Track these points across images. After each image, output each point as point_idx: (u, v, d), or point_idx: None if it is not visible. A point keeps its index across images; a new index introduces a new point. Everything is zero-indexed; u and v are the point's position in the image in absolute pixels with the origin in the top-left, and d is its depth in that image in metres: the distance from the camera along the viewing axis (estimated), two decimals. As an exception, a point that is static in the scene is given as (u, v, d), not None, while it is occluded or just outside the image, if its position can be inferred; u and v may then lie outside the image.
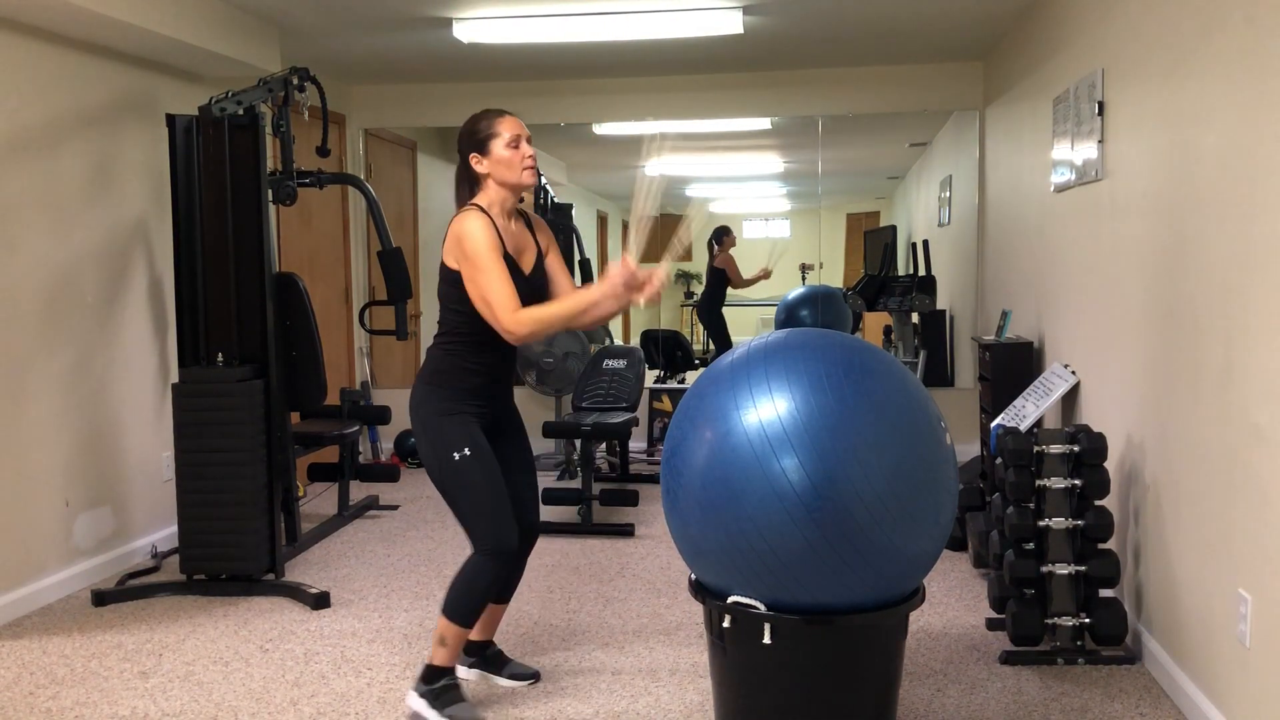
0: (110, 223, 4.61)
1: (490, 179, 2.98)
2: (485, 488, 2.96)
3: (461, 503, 2.99)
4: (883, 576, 2.54)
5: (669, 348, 7.54)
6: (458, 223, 2.91)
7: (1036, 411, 4.08)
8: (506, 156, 2.96)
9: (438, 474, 2.99)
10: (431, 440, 2.99)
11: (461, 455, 2.95)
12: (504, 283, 2.84)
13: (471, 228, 2.87)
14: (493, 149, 2.97)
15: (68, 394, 4.34)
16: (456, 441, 2.96)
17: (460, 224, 2.90)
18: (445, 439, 2.97)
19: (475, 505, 2.97)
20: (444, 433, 2.97)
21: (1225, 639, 2.82)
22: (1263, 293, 2.59)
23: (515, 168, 2.96)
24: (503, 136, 2.96)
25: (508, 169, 2.96)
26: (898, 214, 7.90)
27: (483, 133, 2.98)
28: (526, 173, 2.98)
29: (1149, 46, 3.40)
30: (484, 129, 2.98)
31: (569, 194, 7.65)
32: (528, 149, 2.99)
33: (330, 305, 6.48)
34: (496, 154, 2.96)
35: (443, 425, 2.98)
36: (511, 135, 2.97)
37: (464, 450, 2.95)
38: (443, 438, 2.97)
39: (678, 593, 4.22)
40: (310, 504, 5.57)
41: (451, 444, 2.96)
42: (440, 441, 2.97)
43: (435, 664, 3.04)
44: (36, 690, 3.36)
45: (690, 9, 4.88)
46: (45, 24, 4.12)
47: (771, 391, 2.52)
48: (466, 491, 2.97)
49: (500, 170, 2.96)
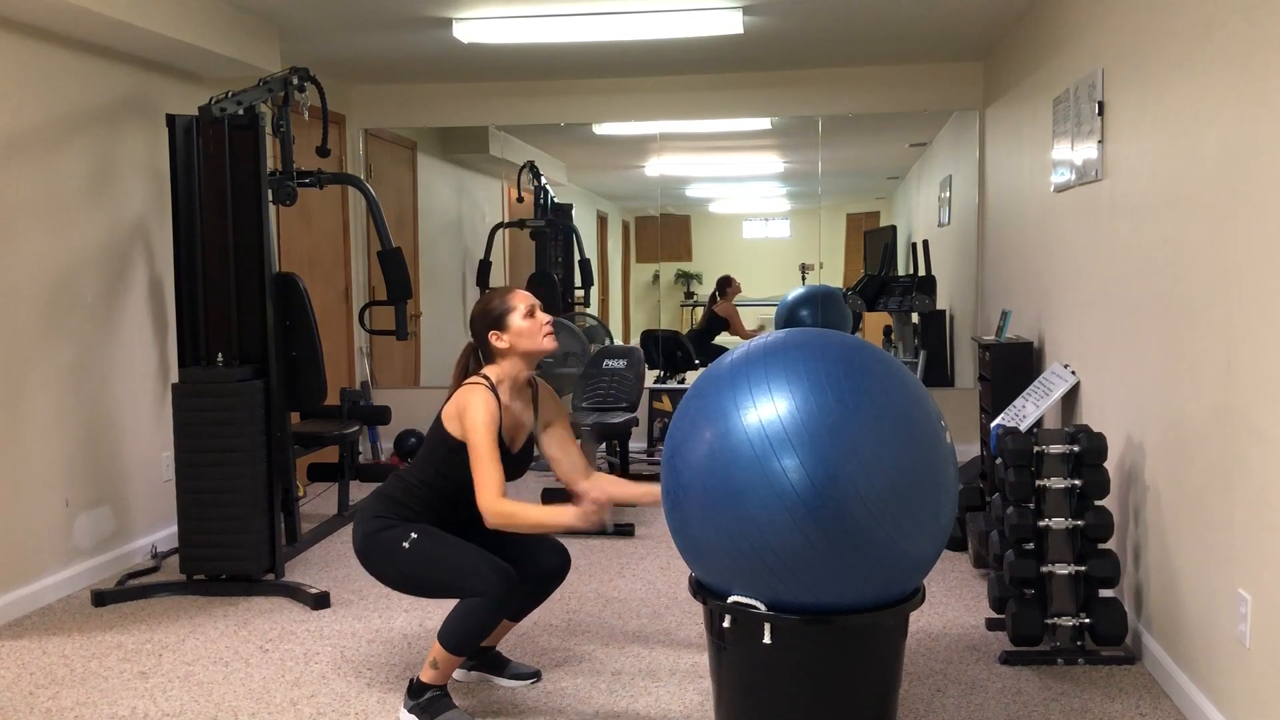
0: (110, 223, 4.61)
1: (511, 352, 3.05)
2: (448, 552, 2.98)
3: (435, 578, 2.99)
4: (883, 576, 2.54)
5: (669, 348, 7.54)
6: (468, 394, 2.96)
7: (1036, 411, 4.08)
8: (527, 326, 3.04)
9: (400, 574, 3.02)
10: (377, 551, 3.03)
11: (410, 541, 2.98)
12: (494, 466, 2.89)
13: (478, 406, 2.93)
14: (511, 322, 3.04)
15: (68, 394, 4.34)
16: (400, 537, 3.00)
17: (469, 396, 2.96)
18: (389, 543, 3.01)
19: (450, 570, 2.97)
20: (385, 538, 3.02)
21: (1225, 639, 2.82)
22: (1263, 293, 2.59)
23: (536, 335, 3.05)
24: (519, 309, 3.05)
25: (530, 338, 3.05)
26: (898, 214, 7.90)
27: (497, 310, 3.06)
28: (547, 338, 3.07)
29: (1149, 46, 3.40)
30: (498, 306, 3.06)
31: (569, 194, 7.65)
32: (544, 315, 3.08)
33: (330, 305, 6.48)
34: (516, 326, 3.04)
35: (382, 535, 3.03)
36: (527, 306, 3.06)
37: (410, 536, 2.99)
38: (386, 545, 3.01)
39: (678, 593, 4.22)
40: (310, 504, 5.57)
41: (396, 541, 2.99)
42: (386, 544, 3.01)
43: (423, 681, 3.04)
44: (36, 690, 3.36)
45: (690, 9, 4.88)
46: (45, 24, 4.12)
47: (771, 391, 2.52)
48: (434, 566, 2.98)
49: (522, 341, 3.04)
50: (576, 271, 7.33)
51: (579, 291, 7.42)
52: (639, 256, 8.17)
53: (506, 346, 3.05)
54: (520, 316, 3.04)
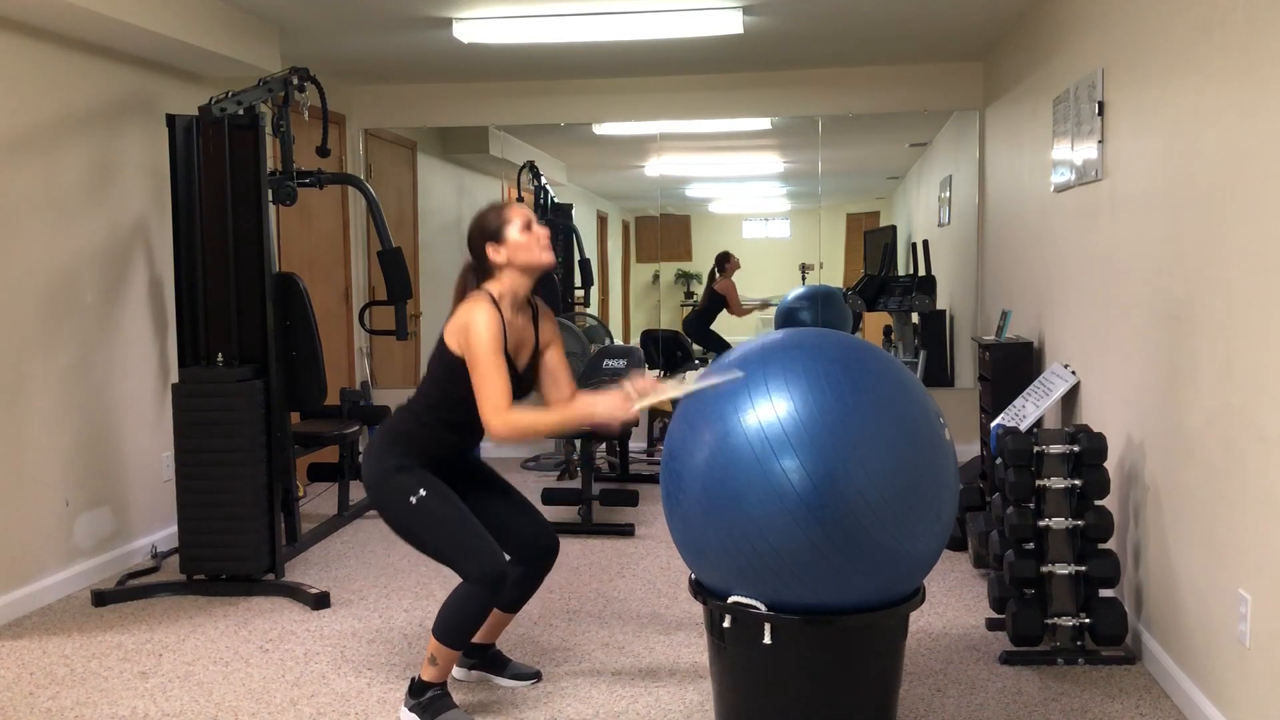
0: (110, 223, 4.61)
1: (509, 266, 3.02)
2: (452, 519, 2.97)
3: (434, 542, 2.99)
4: (884, 575, 2.54)
5: (669, 348, 7.54)
6: (469, 309, 2.93)
7: (1036, 411, 4.08)
8: (524, 240, 3.00)
9: (402, 525, 3.02)
10: (385, 495, 3.02)
11: (418, 497, 2.97)
12: (501, 379, 2.87)
13: (481, 320, 2.89)
14: (508, 235, 3.00)
15: (68, 394, 4.34)
16: (410, 487, 2.98)
17: (471, 311, 2.92)
18: (398, 488, 2.99)
19: (449, 539, 2.97)
20: (396, 484, 3.00)
21: (1225, 639, 2.82)
22: (1263, 292, 2.59)
23: (534, 249, 3.01)
24: (515, 222, 3.01)
25: (527, 252, 3.01)
26: (898, 214, 7.89)
27: (494, 223, 3.02)
28: (545, 252, 3.03)
29: (1149, 46, 3.40)
30: (494, 220, 3.03)
31: (569, 194, 7.65)
32: (541, 229, 3.04)
33: (330, 305, 6.48)
34: (513, 240, 3.00)
35: (394, 479, 3.01)
36: (523, 220, 3.02)
37: (419, 492, 2.98)
38: (396, 488, 3.00)
39: (678, 593, 4.22)
40: (310, 504, 5.57)
41: (405, 491, 2.98)
42: (394, 493, 3.00)
43: (424, 679, 3.04)
44: (36, 690, 3.36)
45: (690, 9, 4.88)
46: (45, 24, 4.12)
47: (770, 392, 2.52)
48: (434, 529, 2.98)
49: (520, 254, 3.00)
50: (576, 271, 7.33)
51: (579, 291, 7.42)
52: (639, 256, 8.17)
53: (504, 260, 3.00)
54: (517, 230, 3.00)
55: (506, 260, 3.00)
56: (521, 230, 3.00)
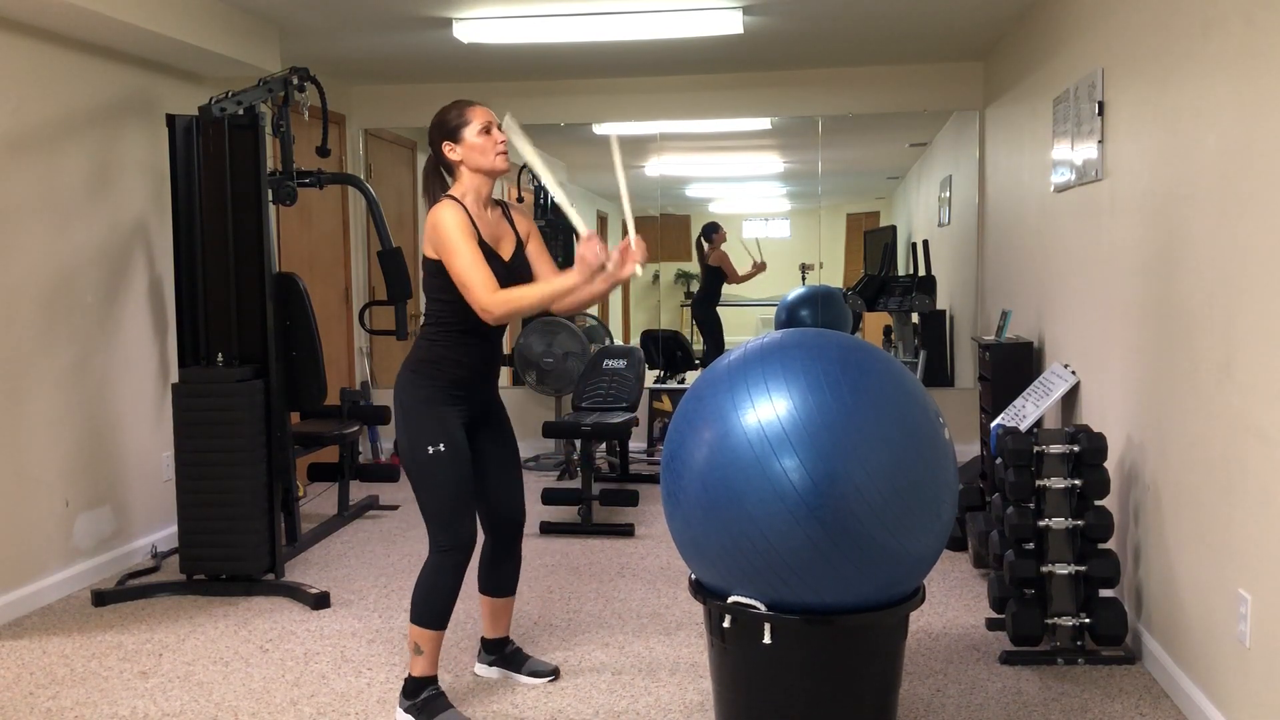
0: (110, 223, 4.61)
1: (464, 166, 3.02)
2: (451, 487, 2.98)
3: (425, 497, 3.01)
4: (884, 575, 2.54)
5: (669, 348, 7.54)
6: (433, 213, 2.95)
7: (1036, 411, 4.08)
8: (479, 143, 3.00)
9: (409, 462, 3.02)
10: (409, 428, 3.01)
11: (435, 450, 2.97)
12: (479, 264, 2.87)
13: (445, 215, 2.91)
14: (465, 136, 3.01)
15: (68, 394, 4.34)
16: (432, 435, 2.98)
17: (435, 214, 2.94)
18: (422, 430, 2.99)
19: (438, 502, 2.99)
20: (422, 423, 2.99)
21: (1225, 639, 2.82)
22: (1262, 292, 2.59)
23: (489, 153, 3.01)
24: (474, 124, 3.01)
25: (481, 154, 3.01)
26: (898, 214, 7.89)
27: (453, 121, 3.02)
28: (499, 157, 3.02)
29: (1149, 46, 3.40)
30: (454, 118, 3.03)
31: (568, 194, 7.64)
32: (499, 135, 3.03)
33: (330, 305, 6.48)
34: (469, 141, 3.00)
35: (422, 415, 3.00)
36: (483, 123, 3.01)
37: (439, 445, 2.97)
38: (420, 428, 2.99)
39: (678, 593, 4.22)
40: (310, 504, 5.57)
41: (426, 437, 2.98)
42: (417, 432, 2.99)
43: (415, 675, 3.05)
44: (36, 690, 3.36)
45: (690, 9, 4.88)
46: (45, 24, 4.12)
47: (769, 392, 2.52)
48: (432, 487, 2.99)
49: (474, 156, 3.01)
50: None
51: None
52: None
53: (459, 159, 3.01)
54: (474, 132, 3.00)
55: (460, 160, 3.02)
56: (479, 133, 3.00)
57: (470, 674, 3.42)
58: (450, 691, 3.21)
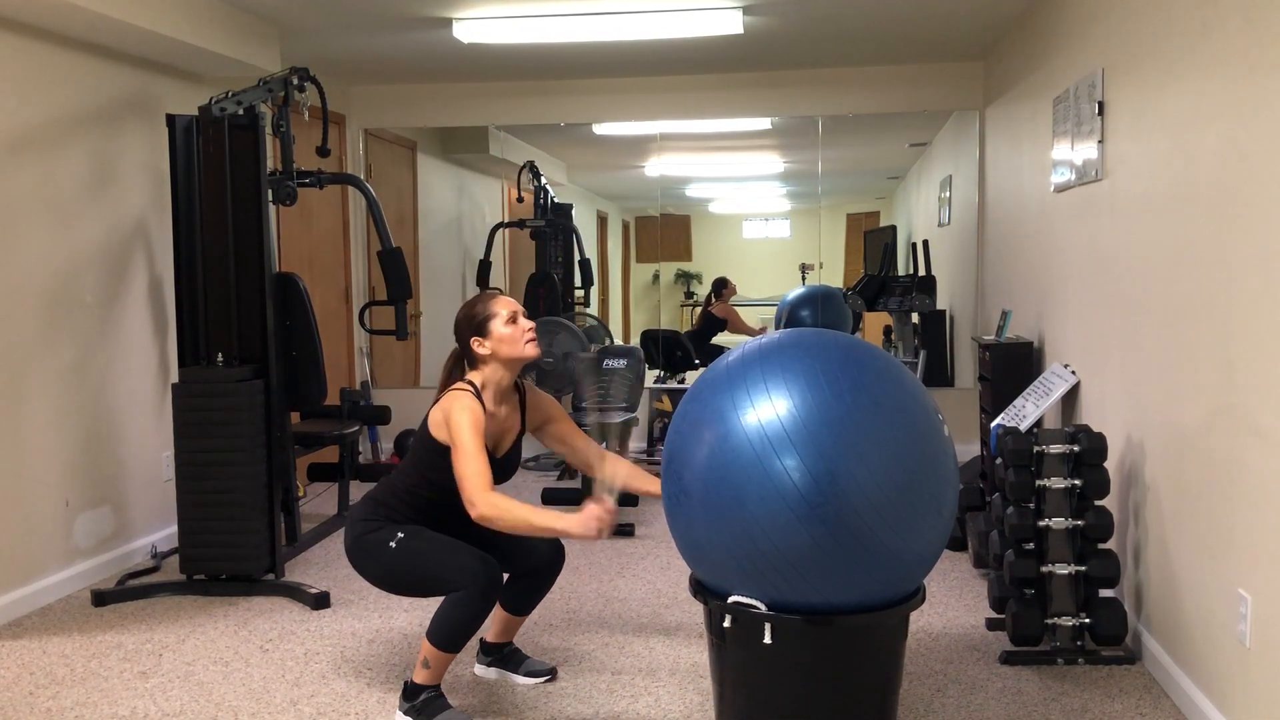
0: (110, 223, 4.61)
1: (493, 359, 3.05)
2: (433, 547, 2.99)
3: (422, 573, 3.01)
4: (886, 573, 2.54)
5: (669, 348, 7.54)
6: (449, 400, 2.97)
7: (1036, 411, 4.08)
8: (508, 333, 3.04)
9: (385, 577, 3.05)
10: (366, 553, 3.05)
11: (396, 540, 3.01)
12: (479, 462, 2.87)
13: (459, 411, 2.92)
14: (493, 329, 3.04)
15: (68, 394, 4.34)
16: (387, 537, 3.02)
17: (451, 403, 2.96)
18: (376, 542, 3.03)
19: (435, 564, 2.98)
20: (373, 541, 3.04)
21: (1225, 639, 2.82)
22: (1263, 293, 2.59)
23: (518, 342, 3.05)
24: (500, 315, 3.05)
25: (510, 345, 3.04)
26: (898, 214, 7.89)
27: (480, 316, 3.06)
28: (529, 345, 3.06)
29: (1149, 46, 3.40)
30: (480, 312, 3.06)
31: (569, 194, 7.65)
32: (526, 322, 3.07)
33: (330, 305, 6.48)
34: (497, 333, 3.04)
35: (370, 538, 3.05)
36: (509, 312, 3.06)
37: (397, 536, 3.01)
38: (374, 543, 3.03)
39: (678, 593, 4.22)
40: (310, 504, 5.57)
41: (384, 541, 3.02)
42: (373, 547, 3.04)
43: (417, 682, 3.04)
44: (36, 690, 3.36)
45: (690, 9, 4.88)
46: (45, 24, 4.12)
47: (769, 391, 2.52)
48: (419, 561, 3.00)
49: (503, 347, 3.04)
50: (576, 271, 7.33)
51: (579, 291, 7.42)
52: (639, 256, 8.17)
53: (489, 353, 3.05)
54: (502, 323, 3.04)
55: (491, 353, 3.05)
56: (506, 323, 3.04)
57: (470, 674, 3.42)
58: (450, 691, 3.22)
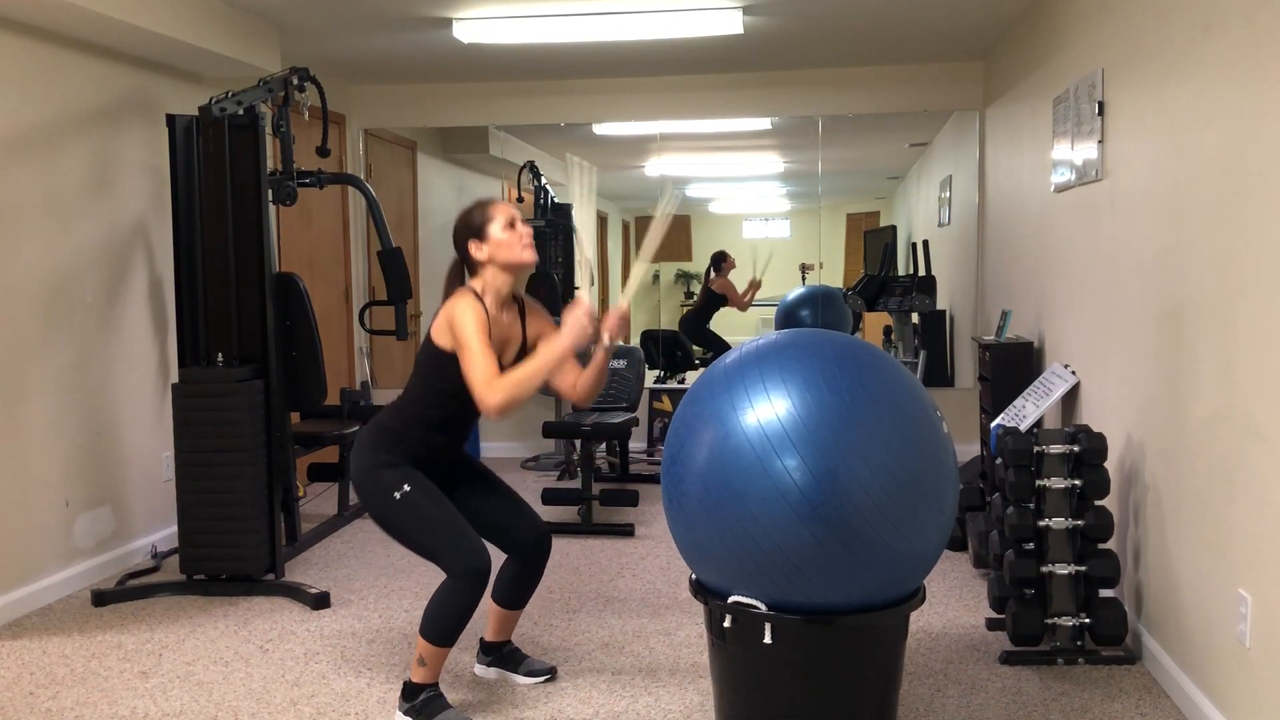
0: (110, 223, 4.61)
1: (490, 264, 3.03)
2: (436, 516, 2.98)
3: (417, 537, 3.01)
4: (887, 571, 2.54)
5: (669, 348, 7.54)
6: (451, 304, 2.96)
7: (1036, 411, 4.08)
8: (506, 239, 3.02)
9: (386, 521, 3.04)
10: (370, 491, 3.04)
11: (402, 493, 2.99)
12: (489, 359, 2.87)
13: (466, 312, 2.92)
14: (490, 233, 3.02)
15: (68, 394, 4.34)
16: (395, 482, 3.00)
17: (456, 305, 2.95)
18: (383, 484, 3.01)
19: (432, 535, 2.98)
20: (381, 477, 3.02)
21: (1225, 639, 2.82)
22: (1263, 292, 2.59)
23: (515, 247, 3.03)
24: (499, 220, 3.03)
25: (508, 250, 3.02)
26: (898, 214, 7.90)
27: (478, 220, 3.04)
28: (527, 250, 3.04)
29: (1149, 46, 3.40)
30: (479, 217, 3.05)
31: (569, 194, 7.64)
32: (524, 228, 3.05)
33: (330, 305, 6.48)
34: (495, 237, 3.02)
35: (379, 471, 3.03)
36: (507, 218, 3.04)
37: (403, 487, 2.99)
38: (380, 484, 3.01)
39: (678, 593, 4.22)
40: (310, 504, 5.57)
41: (390, 487, 3.00)
42: (379, 488, 3.02)
43: (415, 681, 3.04)
44: (36, 690, 3.36)
45: (690, 9, 4.88)
46: (45, 24, 4.12)
47: (768, 391, 2.53)
48: (418, 525, 2.99)
49: (501, 252, 3.02)
50: (577, 271, 7.32)
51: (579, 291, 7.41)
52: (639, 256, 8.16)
53: (486, 257, 3.02)
54: (500, 227, 3.01)
55: (489, 257, 3.02)
56: (504, 228, 3.02)
57: (470, 674, 3.42)
58: (450, 691, 3.22)
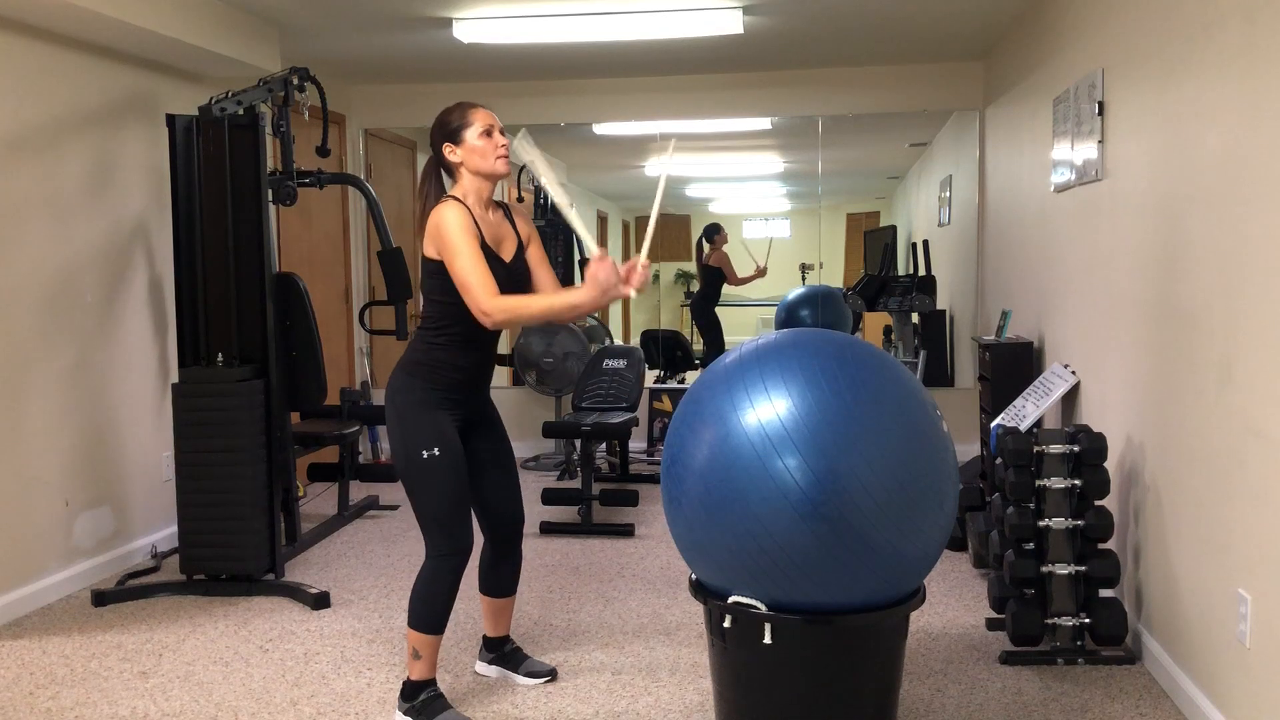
0: (110, 223, 4.61)
1: (464, 168, 3.00)
2: (447, 491, 2.97)
3: (420, 501, 2.99)
4: (888, 571, 2.54)
5: (669, 348, 7.54)
6: (436, 212, 2.93)
7: (1036, 411, 4.08)
8: (480, 146, 2.98)
9: (403, 466, 2.99)
10: (403, 431, 2.99)
11: (430, 454, 2.95)
12: (480, 267, 2.85)
13: (448, 215, 2.89)
14: (466, 138, 2.98)
15: (68, 394, 4.34)
16: (427, 439, 2.96)
17: (438, 213, 2.92)
18: (416, 433, 2.97)
19: (434, 507, 2.97)
20: (416, 426, 2.97)
21: (1225, 639, 2.82)
22: (1262, 292, 2.59)
23: (489, 156, 2.98)
24: (475, 126, 2.98)
25: (481, 157, 2.98)
26: (898, 214, 7.90)
27: (455, 123, 3.00)
28: (499, 161, 3.00)
29: (1149, 46, 3.40)
30: (456, 119, 3.01)
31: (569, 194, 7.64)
32: (500, 138, 3.01)
33: (330, 305, 6.48)
34: (470, 143, 2.98)
35: (416, 418, 2.98)
36: (484, 125, 2.99)
37: (433, 449, 2.95)
38: (414, 431, 2.97)
39: (678, 593, 4.22)
40: (310, 504, 5.57)
41: (421, 440, 2.96)
42: (411, 435, 2.97)
43: (413, 679, 3.04)
44: (36, 690, 3.36)
45: (690, 9, 4.88)
46: (45, 24, 4.12)
47: (768, 391, 2.53)
48: (428, 492, 2.97)
49: (474, 159, 2.98)
50: (577, 271, 7.33)
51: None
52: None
53: (459, 162, 2.99)
54: (476, 134, 2.97)
55: (461, 162, 2.99)
56: (480, 135, 2.98)
57: (470, 674, 3.42)
58: (450, 691, 3.22)
